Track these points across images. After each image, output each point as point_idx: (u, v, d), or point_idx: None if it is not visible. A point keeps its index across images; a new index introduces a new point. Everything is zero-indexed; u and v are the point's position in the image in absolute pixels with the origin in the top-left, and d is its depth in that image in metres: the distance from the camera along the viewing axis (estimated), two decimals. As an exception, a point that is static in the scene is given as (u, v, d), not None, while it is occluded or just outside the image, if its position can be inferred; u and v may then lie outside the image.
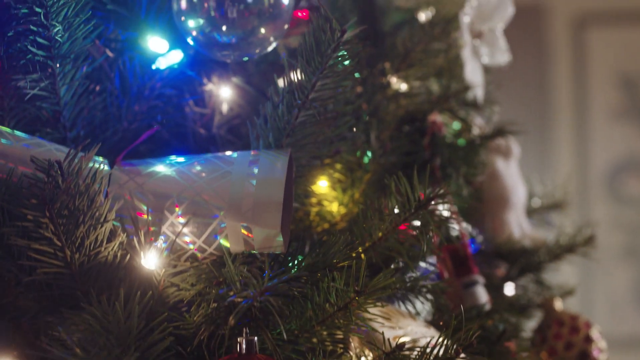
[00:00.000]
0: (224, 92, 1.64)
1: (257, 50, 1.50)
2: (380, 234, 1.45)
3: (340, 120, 1.55)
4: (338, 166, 1.64)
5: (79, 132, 1.52)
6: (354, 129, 1.68)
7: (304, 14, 1.76)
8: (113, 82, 1.56)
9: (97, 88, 1.55)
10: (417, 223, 1.43)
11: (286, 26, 1.50)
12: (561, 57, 5.16)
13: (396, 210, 1.41)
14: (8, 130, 1.36)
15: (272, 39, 1.49)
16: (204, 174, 1.38)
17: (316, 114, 1.41)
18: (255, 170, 1.37)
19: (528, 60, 5.09)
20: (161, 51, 1.53)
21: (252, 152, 1.41)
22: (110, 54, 1.55)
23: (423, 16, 1.92)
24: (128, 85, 1.57)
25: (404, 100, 1.80)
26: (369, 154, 1.68)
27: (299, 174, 1.55)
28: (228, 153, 1.43)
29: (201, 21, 1.45)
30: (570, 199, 2.28)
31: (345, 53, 1.39)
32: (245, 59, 1.51)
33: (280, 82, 1.47)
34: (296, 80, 1.40)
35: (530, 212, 2.21)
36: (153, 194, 1.37)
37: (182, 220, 1.36)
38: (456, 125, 1.89)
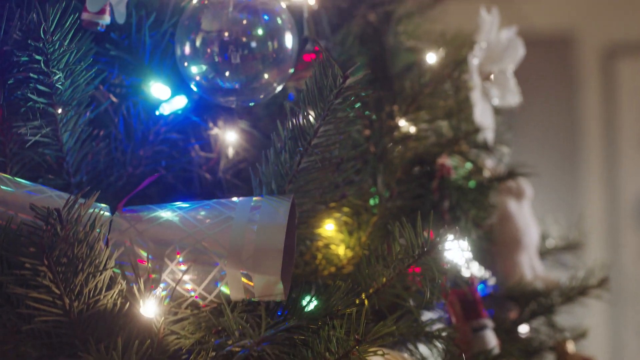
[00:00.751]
0: (230, 137, 1.64)
1: (261, 96, 1.50)
2: (384, 280, 1.44)
3: (345, 165, 1.54)
4: (344, 210, 1.63)
5: (82, 177, 1.52)
6: (361, 173, 1.68)
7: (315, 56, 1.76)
8: (117, 127, 1.56)
9: (101, 133, 1.55)
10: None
11: (291, 70, 1.50)
12: (590, 88, 5.16)
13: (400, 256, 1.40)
14: (9, 177, 1.36)
15: (275, 84, 1.48)
16: (205, 221, 1.37)
17: (318, 160, 1.40)
18: (257, 217, 1.37)
19: (557, 91, 5.10)
20: (164, 97, 1.53)
21: (254, 198, 1.41)
22: (114, 99, 1.55)
23: (433, 57, 1.91)
24: (132, 130, 1.57)
25: (413, 143, 1.79)
26: (376, 198, 1.67)
27: (304, 218, 1.54)
28: (230, 199, 1.42)
29: (204, 67, 1.45)
30: (587, 237, 2.25)
31: (348, 99, 1.39)
32: (250, 104, 1.51)
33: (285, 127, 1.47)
34: (298, 126, 1.40)
35: (545, 253, 2.18)
36: (153, 241, 1.36)
37: (182, 267, 1.35)
38: (466, 167, 1.87)
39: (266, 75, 1.47)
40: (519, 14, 5.26)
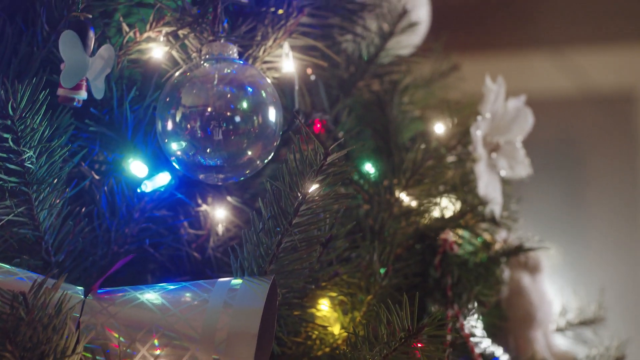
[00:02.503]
0: (219, 213, 1.59)
1: (246, 172, 1.45)
2: (373, 364, 1.38)
3: (335, 243, 1.49)
4: (337, 290, 1.57)
5: (64, 256, 1.47)
6: (358, 249, 1.62)
7: (318, 127, 1.72)
8: (100, 204, 1.52)
9: (83, 210, 1.51)
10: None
11: (275, 144, 1.45)
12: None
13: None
14: (-23, 259, 1.33)
15: (259, 161, 1.43)
16: (180, 304, 1.32)
17: (302, 239, 1.35)
18: (233, 300, 1.31)
19: (618, 149, 5.05)
20: (142, 175, 1.49)
21: (233, 280, 1.35)
22: (95, 176, 1.51)
23: (440, 128, 1.85)
24: (116, 207, 1.52)
25: (414, 218, 1.73)
26: (373, 276, 1.61)
27: (293, 299, 1.49)
28: (210, 280, 1.37)
29: (184, 143, 1.40)
30: (607, 312, 2.16)
31: (331, 176, 1.33)
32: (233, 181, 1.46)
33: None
34: (278, 204, 1.35)
35: (563, 328, 2.10)
36: (126, 324, 1.32)
37: (155, 352, 1.30)
38: (473, 242, 1.81)
39: (250, 152, 1.41)
40: (578, 70, 5.22)
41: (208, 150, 1.40)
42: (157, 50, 1.50)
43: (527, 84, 5.61)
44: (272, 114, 1.42)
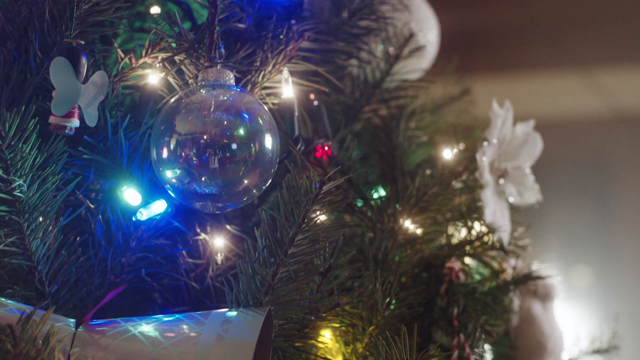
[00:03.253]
0: (218, 242, 1.56)
1: (243, 200, 1.42)
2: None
3: (334, 272, 1.45)
4: (338, 320, 1.53)
5: (59, 286, 1.45)
6: (359, 279, 1.59)
7: (325, 152, 1.69)
8: (95, 233, 1.49)
9: (78, 239, 1.48)
10: None
11: (272, 172, 1.41)
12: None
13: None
14: (-34, 290, 1.30)
15: (255, 190, 1.40)
16: (172, 336, 1.29)
17: (291, 272, 1.32)
18: (226, 332, 1.28)
19: None
20: (137, 203, 1.46)
21: (227, 312, 1.32)
22: (90, 205, 1.48)
23: (447, 153, 1.81)
24: (112, 236, 1.50)
25: (420, 245, 1.69)
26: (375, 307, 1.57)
27: (292, 330, 1.45)
28: (204, 312, 1.34)
29: (178, 171, 1.37)
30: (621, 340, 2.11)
31: (327, 205, 1.30)
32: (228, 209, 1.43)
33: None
34: (273, 234, 1.32)
35: (576, 357, 2.05)
36: (117, 357, 1.29)
37: (146, 386, 1.27)
38: (480, 271, 1.77)
39: (246, 180, 1.38)
40: (608, 91, 5.18)
41: (204, 179, 1.37)
42: (153, 76, 1.47)
43: (557, 105, 5.59)
44: (269, 142, 1.39)
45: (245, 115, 1.39)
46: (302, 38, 1.56)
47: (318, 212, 1.31)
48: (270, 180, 1.41)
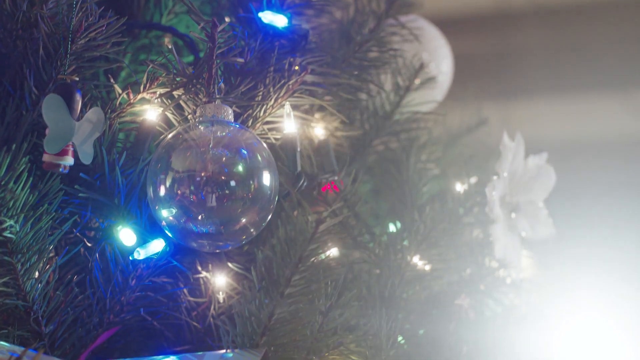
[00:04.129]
0: (219, 280, 1.53)
1: (241, 239, 1.38)
2: None
3: (335, 312, 1.42)
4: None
5: (55, 326, 1.42)
6: (364, 317, 1.55)
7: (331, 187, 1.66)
8: (92, 271, 1.46)
9: (75, 278, 1.45)
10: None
11: (271, 211, 1.38)
12: None
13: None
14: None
15: (253, 229, 1.37)
16: (165, 379, 1.26)
17: (288, 312, 1.28)
18: (221, 375, 1.25)
19: None
20: (131, 243, 1.43)
21: (223, 353, 1.29)
22: (87, 243, 1.46)
23: (459, 187, 1.77)
24: (110, 274, 1.47)
25: (428, 282, 1.65)
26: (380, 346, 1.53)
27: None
28: (199, 353, 1.31)
29: (175, 210, 1.34)
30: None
31: (325, 245, 1.27)
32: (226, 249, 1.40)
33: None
34: (269, 275, 1.28)
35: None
36: (109, 401, 1.26)
37: None
38: (491, 308, 1.73)
39: (244, 219, 1.35)
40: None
41: (200, 217, 1.34)
42: (151, 112, 1.45)
43: (593, 127, 5.54)
44: (267, 179, 1.36)
45: (243, 152, 1.36)
46: (305, 71, 1.53)
47: (315, 252, 1.27)
48: (269, 219, 1.37)
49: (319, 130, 1.66)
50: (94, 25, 1.40)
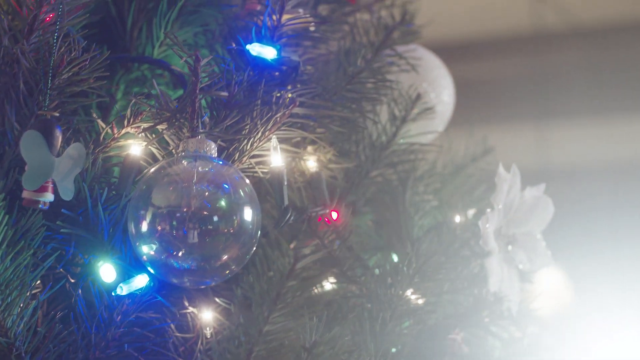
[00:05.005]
0: (206, 315, 1.51)
1: (222, 276, 1.37)
2: None
3: (317, 350, 1.40)
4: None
5: (40, 364, 1.41)
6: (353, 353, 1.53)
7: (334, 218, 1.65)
8: (76, 307, 1.45)
9: (59, 314, 1.44)
10: None
11: (253, 247, 1.36)
12: None
13: None
14: None
15: (234, 266, 1.35)
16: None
17: (263, 350, 1.27)
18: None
19: None
20: (111, 280, 1.42)
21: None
22: (71, 279, 1.45)
23: (457, 219, 1.75)
24: (95, 309, 1.46)
25: (421, 316, 1.63)
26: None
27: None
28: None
29: (155, 246, 1.33)
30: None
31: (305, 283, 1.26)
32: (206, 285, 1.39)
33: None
34: (244, 313, 1.27)
35: None
36: None
37: None
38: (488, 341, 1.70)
39: (225, 255, 1.34)
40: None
41: (181, 254, 1.33)
42: (135, 146, 1.44)
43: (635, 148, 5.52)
44: (249, 215, 1.35)
45: (225, 187, 1.35)
46: (294, 104, 1.51)
47: (295, 290, 1.26)
48: (250, 255, 1.36)
49: (311, 163, 1.64)
50: (77, 59, 1.40)
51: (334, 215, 1.68)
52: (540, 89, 5.64)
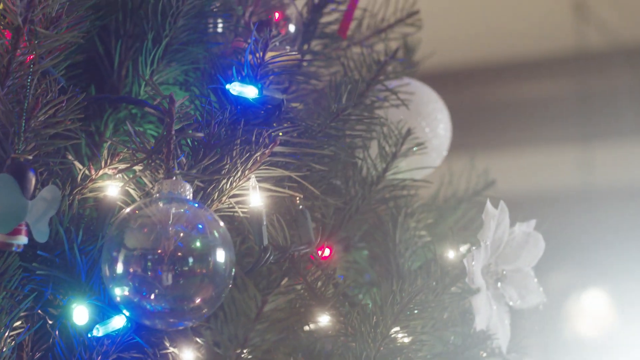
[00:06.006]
0: (187, 355, 1.51)
1: (197, 317, 1.37)
2: None
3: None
4: None
5: (16, 405, 1.42)
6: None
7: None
8: (54, 348, 1.45)
9: (37, 355, 1.45)
10: None
11: (226, 289, 1.36)
12: None
13: None
14: None
15: (206, 309, 1.35)
16: None
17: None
18: None
19: None
20: (83, 322, 1.42)
21: None
22: (49, 321, 1.45)
23: (451, 254, 1.73)
24: (74, 350, 1.46)
25: (407, 354, 1.61)
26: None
27: None
28: None
29: (128, 288, 1.33)
30: None
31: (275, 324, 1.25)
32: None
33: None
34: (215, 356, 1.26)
35: None
36: None
37: None
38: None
39: (198, 297, 1.34)
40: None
41: (153, 296, 1.33)
42: (112, 187, 1.44)
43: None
44: (222, 256, 1.35)
45: (199, 229, 1.35)
46: (274, 143, 1.51)
47: (265, 329, 1.25)
48: (224, 297, 1.36)
49: (296, 200, 1.64)
50: (53, 101, 1.40)
51: (325, 252, 1.67)
52: (585, 109, 5.61)
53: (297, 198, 1.65)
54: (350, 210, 1.77)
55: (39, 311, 1.46)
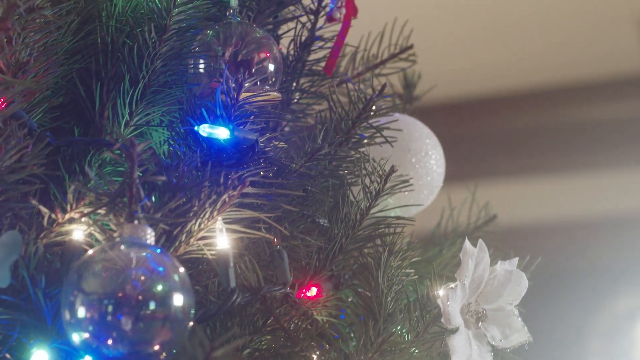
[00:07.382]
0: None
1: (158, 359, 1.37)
2: None
3: None
4: None
5: None
6: None
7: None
8: (22, 391, 1.46)
9: (6, 398, 1.46)
10: None
11: (185, 333, 1.36)
12: None
13: None
14: None
15: (165, 353, 1.35)
16: None
17: None
18: None
19: None
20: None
21: None
22: (17, 365, 1.46)
23: (439, 293, 1.71)
24: (43, 393, 1.46)
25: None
26: None
27: None
28: None
29: (86, 334, 1.33)
30: None
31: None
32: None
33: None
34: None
35: None
36: None
37: None
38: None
39: (156, 342, 1.34)
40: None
41: (111, 342, 1.33)
42: (77, 231, 1.45)
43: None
44: (180, 301, 1.34)
45: (158, 273, 1.35)
46: (244, 185, 1.51)
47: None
48: (181, 342, 1.35)
49: (274, 240, 1.64)
50: (17, 146, 1.42)
51: (311, 291, 1.67)
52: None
53: (275, 238, 1.65)
54: (334, 249, 1.76)
55: (7, 354, 1.46)
